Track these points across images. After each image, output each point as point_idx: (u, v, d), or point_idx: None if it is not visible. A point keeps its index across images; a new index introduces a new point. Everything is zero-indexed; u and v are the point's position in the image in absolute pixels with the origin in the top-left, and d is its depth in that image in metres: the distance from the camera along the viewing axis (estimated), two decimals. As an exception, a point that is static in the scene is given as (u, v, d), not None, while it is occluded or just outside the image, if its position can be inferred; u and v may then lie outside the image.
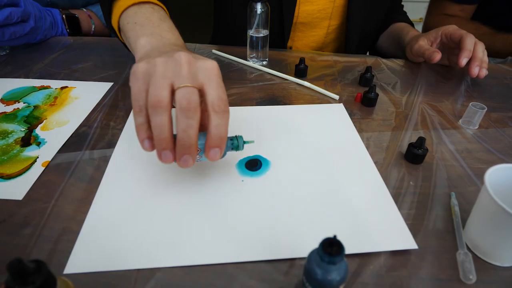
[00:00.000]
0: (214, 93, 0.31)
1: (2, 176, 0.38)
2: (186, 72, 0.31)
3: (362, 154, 0.43)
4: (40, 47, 0.67)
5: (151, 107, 0.30)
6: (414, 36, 0.66)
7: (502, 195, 0.30)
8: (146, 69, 0.32)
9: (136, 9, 0.42)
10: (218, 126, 0.31)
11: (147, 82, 0.31)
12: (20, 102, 0.51)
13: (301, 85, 0.57)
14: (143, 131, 0.32)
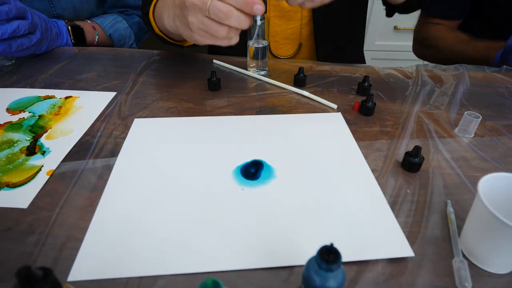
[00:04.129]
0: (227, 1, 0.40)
1: (7, 184, 0.39)
2: (199, 2, 0.40)
3: (360, 163, 0.43)
4: (46, 57, 0.69)
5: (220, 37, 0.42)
6: None
7: (495, 203, 0.31)
8: (192, 29, 0.43)
9: (156, 9, 0.57)
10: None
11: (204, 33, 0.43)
12: (26, 112, 0.52)
13: (300, 94, 0.58)
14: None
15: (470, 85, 0.63)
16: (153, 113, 0.53)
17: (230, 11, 0.39)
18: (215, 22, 0.40)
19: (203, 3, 0.40)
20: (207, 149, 0.45)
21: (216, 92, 0.59)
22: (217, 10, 0.39)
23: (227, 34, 0.41)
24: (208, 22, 0.41)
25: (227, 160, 0.43)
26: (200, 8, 0.40)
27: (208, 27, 0.41)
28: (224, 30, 0.41)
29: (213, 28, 0.41)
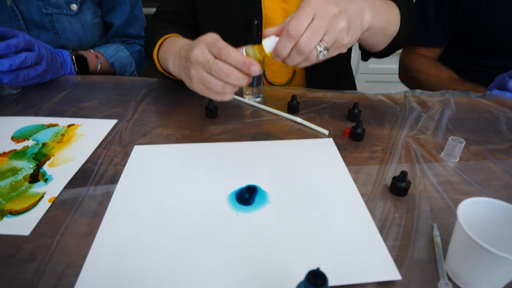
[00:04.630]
0: (216, 49, 0.44)
1: (11, 212, 0.41)
2: (203, 60, 0.45)
3: (350, 188, 0.45)
4: (50, 86, 0.72)
5: (217, 91, 0.46)
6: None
7: (475, 227, 0.33)
8: (194, 81, 0.47)
9: (160, 50, 0.61)
10: (235, 60, 0.43)
11: (203, 86, 0.47)
12: (30, 140, 0.54)
13: (294, 120, 0.61)
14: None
15: (456, 110, 0.65)
16: (152, 140, 0.55)
17: (230, 70, 0.43)
18: (213, 77, 0.44)
19: (206, 61, 0.44)
20: (203, 175, 0.47)
21: (214, 119, 0.61)
22: (218, 68, 0.43)
23: (222, 89, 0.45)
24: (208, 77, 0.44)
25: (223, 186, 0.45)
26: (203, 64, 0.44)
27: (206, 81, 0.45)
28: (220, 85, 0.44)
29: (211, 82, 0.45)
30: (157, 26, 0.69)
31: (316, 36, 0.41)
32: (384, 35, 0.59)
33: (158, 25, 0.70)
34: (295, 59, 0.44)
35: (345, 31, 0.43)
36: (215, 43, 0.44)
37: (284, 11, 0.74)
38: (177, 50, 0.53)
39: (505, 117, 0.64)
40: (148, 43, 0.65)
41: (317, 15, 0.41)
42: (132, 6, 0.93)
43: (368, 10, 0.47)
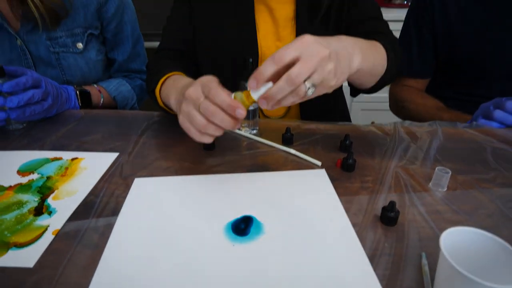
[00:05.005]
0: (207, 89, 0.46)
1: (15, 244, 0.42)
2: (194, 98, 0.47)
3: (342, 218, 0.47)
4: (55, 120, 0.75)
5: (198, 128, 0.48)
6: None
7: (459, 256, 0.34)
8: (181, 119, 0.49)
9: (163, 88, 0.64)
10: (223, 102, 0.45)
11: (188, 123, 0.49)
12: (35, 173, 0.56)
13: (288, 152, 0.64)
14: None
15: (444, 140, 0.68)
16: (152, 172, 0.58)
17: (216, 111, 0.45)
18: (199, 114, 0.46)
19: (197, 98, 0.46)
20: (201, 206, 0.49)
21: (211, 151, 0.64)
22: (206, 106, 0.45)
23: (204, 127, 0.46)
24: (194, 113, 0.47)
25: (220, 217, 0.47)
26: (194, 101, 0.47)
27: (191, 117, 0.47)
28: (203, 123, 0.46)
29: (195, 118, 0.47)
30: (160, 64, 0.73)
31: (306, 69, 0.42)
32: (371, 76, 0.63)
33: (161, 62, 0.74)
34: (284, 91, 0.43)
35: (332, 74, 0.45)
36: (208, 83, 0.47)
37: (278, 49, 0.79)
38: (179, 87, 0.56)
39: (491, 146, 0.67)
40: (151, 80, 0.68)
41: (306, 54, 0.42)
42: (135, 43, 0.99)
43: (357, 54, 0.51)
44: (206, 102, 0.45)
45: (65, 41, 0.86)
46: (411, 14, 0.98)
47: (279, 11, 0.78)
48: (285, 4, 0.77)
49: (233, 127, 0.46)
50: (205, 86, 0.47)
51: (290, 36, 0.78)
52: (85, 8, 0.86)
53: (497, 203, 0.51)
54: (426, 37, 0.94)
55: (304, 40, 0.43)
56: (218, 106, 0.45)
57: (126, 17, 0.94)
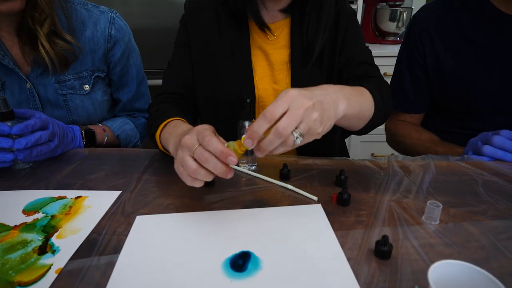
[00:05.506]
0: (201, 137, 0.49)
1: (19, 283, 0.43)
2: (189, 144, 0.50)
3: (337, 253, 0.48)
4: (60, 160, 0.78)
5: (190, 174, 0.51)
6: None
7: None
8: (177, 166, 0.53)
9: (163, 133, 0.68)
10: (215, 149, 0.48)
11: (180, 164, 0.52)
12: (40, 213, 0.58)
13: (285, 187, 0.66)
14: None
15: (436, 173, 0.71)
16: (153, 209, 0.59)
17: (210, 157, 0.48)
18: (191, 159, 0.49)
19: (192, 145, 0.50)
20: (200, 243, 0.51)
21: (211, 188, 0.66)
22: (200, 153, 0.48)
23: (195, 172, 0.49)
24: (187, 158, 0.50)
25: (219, 253, 0.48)
26: (189, 148, 0.50)
27: (184, 162, 0.50)
28: (194, 167, 0.49)
29: (187, 163, 0.49)
30: (161, 108, 0.77)
31: (292, 121, 0.46)
32: (359, 119, 0.67)
33: (161, 106, 0.78)
34: (274, 143, 0.47)
35: (318, 121, 0.48)
36: (203, 131, 0.50)
37: (275, 91, 0.84)
38: (177, 134, 0.60)
39: (482, 179, 0.69)
40: (152, 125, 0.72)
41: (292, 106, 0.46)
42: (139, 84, 1.04)
43: (342, 100, 0.55)
44: (200, 149, 0.48)
45: (73, 84, 0.91)
46: (403, 53, 1.02)
47: (274, 55, 0.83)
48: (280, 49, 0.83)
49: (224, 174, 0.49)
50: (200, 134, 0.50)
51: (286, 79, 0.83)
52: (93, 53, 0.91)
53: (488, 236, 0.52)
54: (419, 74, 0.98)
55: (289, 95, 0.47)
56: (211, 153, 0.48)
57: (132, 60, 1.00)
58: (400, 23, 2.03)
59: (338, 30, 0.82)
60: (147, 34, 1.64)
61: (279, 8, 0.81)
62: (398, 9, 1.99)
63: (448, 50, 0.92)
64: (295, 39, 0.82)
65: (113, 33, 0.93)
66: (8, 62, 0.84)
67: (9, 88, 0.88)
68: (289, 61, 0.83)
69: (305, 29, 0.80)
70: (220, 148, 0.47)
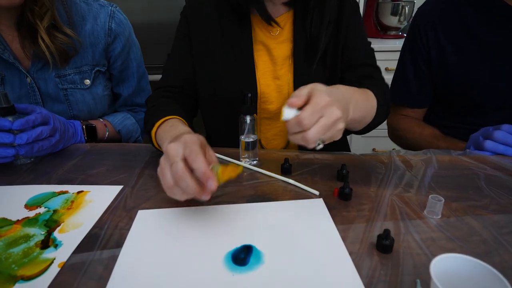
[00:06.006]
0: (186, 151, 0.48)
1: (22, 277, 0.44)
2: (171, 156, 0.48)
3: (339, 246, 0.48)
4: (61, 155, 0.78)
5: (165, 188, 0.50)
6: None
7: (450, 283, 0.35)
8: (159, 170, 0.51)
9: (159, 130, 0.67)
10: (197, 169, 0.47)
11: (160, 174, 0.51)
12: (42, 207, 0.58)
13: (286, 182, 0.66)
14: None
15: (438, 168, 0.70)
16: (155, 204, 0.59)
17: (184, 176, 0.46)
18: (170, 174, 0.48)
19: (172, 157, 0.48)
20: (202, 237, 0.51)
21: (212, 182, 0.66)
22: (175, 169, 0.46)
23: (170, 187, 0.48)
24: (166, 171, 0.48)
25: (221, 247, 0.48)
26: (170, 159, 0.48)
27: (163, 173, 0.49)
28: (170, 183, 0.48)
29: (165, 176, 0.48)
30: (159, 103, 0.75)
31: (321, 133, 0.49)
32: (359, 123, 0.69)
33: (160, 101, 0.77)
34: (298, 141, 0.51)
35: (341, 132, 0.52)
36: (191, 145, 0.48)
37: (277, 86, 0.83)
38: (173, 135, 0.58)
39: (484, 174, 0.69)
40: (148, 121, 0.71)
41: (326, 116, 0.49)
42: (139, 79, 1.04)
43: (351, 105, 0.57)
44: (177, 165, 0.46)
45: (73, 78, 0.91)
46: (407, 46, 1.01)
47: (277, 50, 0.82)
48: (283, 44, 0.82)
49: (197, 196, 0.47)
50: (187, 147, 0.48)
51: (288, 74, 0.82)
52: (93, 47, 0.91)
53: (490, 230, 0.52)
54: (422, 68, 0.98)
55: (326, 103, 0.49)
56: (193, 170, 0.46)
57: (132, 55, 0.99)
58: (402, 17, 2.01)
59: (340, 27, 0.82)
60: (147, 29, 1.63)
61: (284, 0, 0.80)
62: (400, 3, 1.98)
63: (452, 44, 0.91)
64: (298, 34, 0.82)
65: (113, 27, 0.92)
66: (8, 56, 0.84)
67: (9, 82, 0.87)
68: (292, 55, 0.82)
69: (308, 26, 0.80)
70: (203, 169, 0.46)
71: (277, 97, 0.84)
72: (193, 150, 0.47)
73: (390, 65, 1.85)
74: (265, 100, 0.84)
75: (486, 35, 0.87)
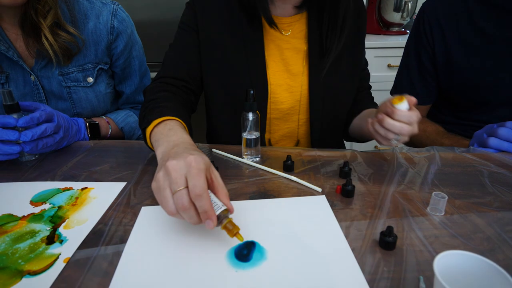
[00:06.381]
0: (190, 184, 0.44)
1: (29, 272, 0.44)
2: (174, 178, 0.45)
3: (341, 243, 0.49)
4: (65, 152, 0.78)
5: (167, 212, 0.46)
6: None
7: (453, 279, 0.36)
8: (156, 187, 0.48)
9: (155, 130, 0.62)
10: (200, 207, 0.44)
11: (159, 195, 0.47)
12: (47, 204, 0.59)
13: (289, 179, 0.66)
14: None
15: (441, 165, 0.70)
16: (158, 201, 0.60)
17: (189, 208, 0.43)
18: (172, 200, 0.45)
19: (175, 182, 0.44)
20: (205, 233, 0.51)
21: (215, 179, 0.66)
22: (180, 199, 0.43)
23: (172, 215, 0.45)
24: (168, 198, 0.45)
25: (223, 243, 0.49)
26: (172, 183, 0.44)
27: (164, 197, 0.45)
28: (173, 211, 0.45)
29: (167, 203, 0.45)
30: (158, 97, 0.71)
31: (406, 131, 0.61)
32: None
33: (159, 95, 0.72)
34: (387, 135, 0.62)
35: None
36: (197, 172, 0.44)
37: (289, 87, 0.82)
38: (171, 141, 0.55)
39: (488, 171, 0.68)
40: (144, 117, 0.66)
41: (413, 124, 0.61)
42: (142, 77, 1.04)
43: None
44: (182, 197, 0.44)
45: (77, 76, 0.91)
46: (411, 42, 1.01)
47: (289, 51, 0.81)
48: (296, 45, 0.81)
49: (196, 224, 0.46)
50: (190, 171, 0.44)
51: (301, 76, 0.81)
52: (96, 45, 0.91)
53: (494, 227, 0.52)
54: (426, 65, 0.97)
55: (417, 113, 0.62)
56: (196, 206, 0.44)
57: (134, 53, 1.00)
58: (405, 13, 2.00)
59: (360, 31, 0.83)
60: (149, 27, 1.63)
61: (291, 4, 0.79)
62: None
63: (458, 40, 0.90)
64: (312, 35, 0.80)
65: (115, 25, 0.92)
66: (13, 54, 0.84)
67: (13, 80, 0.88)
68: (306, 57, 0.81)
69: (325, 29, 0.78)
70: (207, 207, 0.44)
71: (288, 97, 0.83)
72: (198, 185, 0.43)
73: (392, 62, 1.84)
74: (275, 100, 0.83)
75: (493, 30, 0.86)
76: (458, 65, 0.91)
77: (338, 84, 0.83)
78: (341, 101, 0.87)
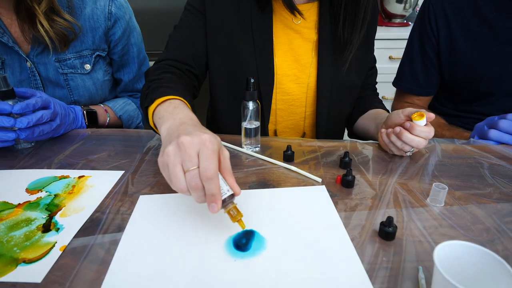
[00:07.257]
0: (202, 166, 0.43)
1: (24, 260, 0.44)
2: (188, 156, 0.43)
3: (341, 233, 0.48)
4: (62, 140, 0.77)
5: (176, 189, 0.44)
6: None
7: (452, 269, 0.35)
8: (163, 161, 0.45)
9: (159, 108, 0.59)
10: (208, 189, 0.43)
11: (168, 171, 0.45)
12: (43, 191, 0.58)
13: (289, 169, 0.65)
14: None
15: (441, 157, 0.70)
16: (156, 189, 0.59)
17: (199, 187, 0.42)
18: (183, 178, 0.43)
19: (189, 160, 0.42)
20: (203, 222, 0.51)
21: (213, 169, 0.66)
22: (191, 178, 0.42)
23: (183, 192, 0.44)
24: (179, 175, 0.43)
25: (222, 232, 0.48)
26: (183, 160, 0.43)
27: (174, 175, 0.43)
28: (184, 189, 0.43)
29: (178, 180, 0.43)
30: (162, 78, 0.69)
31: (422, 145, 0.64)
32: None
33: (163, 76, 0.70)
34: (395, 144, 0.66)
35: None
36: (210, 152, 0.43)
37: (296, 77, 0.81)
38: (177, 118, 0.53)
39: (488, 163, 0.68)
40: (148, 95, 0.63)
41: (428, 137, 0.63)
42: (140, 64, 1.02)
43: None
44: (193, 174, 0.42)
45: (74, 63, 0.90)
46: (415, 33, 0.99)
47: (298, 40, 0.79)
48: (306, 35, 0.79)
49: (201, 203, 0.45)
50: (204, 149, 0.43)
51: (309, 67, 0.80)
52: (93, 31, 0.90)
53: (494, 218, 0.52)
54: (430, 55, 0.96)
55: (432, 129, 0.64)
56: (204, 187, 0.43)
57: (133, 39, 0.98)
58: (407, 5, 1.97)
59: (373, 25, 0.82)
60: (148, 14, 1.61)
61: None
62: (406, -10, 1.94)
63: (463, 31, 0.89)
64: (323, 26, 0.78)
65: (113, 10, 0.90)
66: (8, 40, 0.82)
67: (9, 66, 0.86)
68: (315, 48, 0.80)
69: (341, 21, 0.76)
70: (215, 190, 0.43)
71: (294, 88, 0.82)
72: (210, 168, 0.42)
73: (394, 54, 1.82)
74: (281, 90, 0.81)
75: (499, 21, 0.85)
76: (463, 55, 0.90)
77: (346, 78, 0.82)
78: (348, 95, 0.86)
